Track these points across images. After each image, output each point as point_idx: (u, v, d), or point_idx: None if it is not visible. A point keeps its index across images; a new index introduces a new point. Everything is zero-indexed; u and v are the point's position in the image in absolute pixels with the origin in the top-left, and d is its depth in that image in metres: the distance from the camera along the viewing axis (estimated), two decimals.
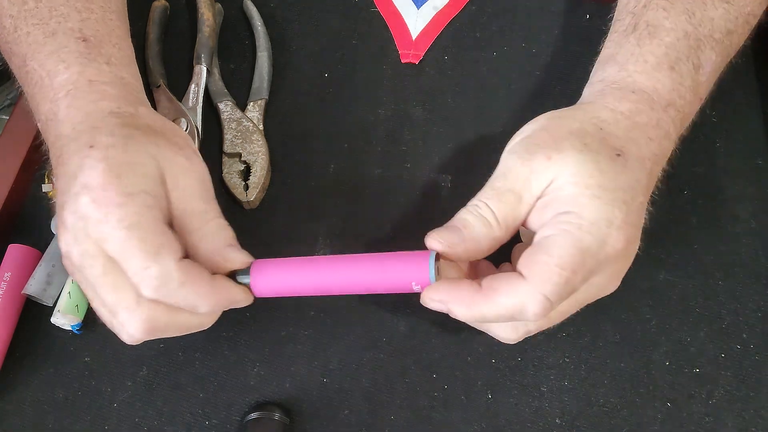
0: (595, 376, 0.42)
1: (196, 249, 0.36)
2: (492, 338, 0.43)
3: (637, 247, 0.36)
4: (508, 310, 0.34)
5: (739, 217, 0.46)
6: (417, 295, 0.43)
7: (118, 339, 0.43)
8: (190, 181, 0.36)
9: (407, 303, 0.44)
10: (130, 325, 0.34)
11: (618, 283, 0.36)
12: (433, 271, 0.36)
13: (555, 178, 0.35)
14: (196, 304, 0.35)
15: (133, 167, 0.34)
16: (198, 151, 0.39)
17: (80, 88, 0.37)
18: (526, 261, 0.34)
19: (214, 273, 0.36)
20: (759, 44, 0.52)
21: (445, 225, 0.37)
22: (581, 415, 0.41)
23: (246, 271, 0.37)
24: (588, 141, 0.35)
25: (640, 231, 0.36)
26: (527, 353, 0.43)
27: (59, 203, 0.35)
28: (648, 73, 0.38)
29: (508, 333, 0.38)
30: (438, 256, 0.37)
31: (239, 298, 0.37)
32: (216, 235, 0.37)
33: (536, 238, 0.35)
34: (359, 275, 0.37)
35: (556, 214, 0.34)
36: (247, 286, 0.37)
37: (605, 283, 0.35)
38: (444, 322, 0.43)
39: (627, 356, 0.42)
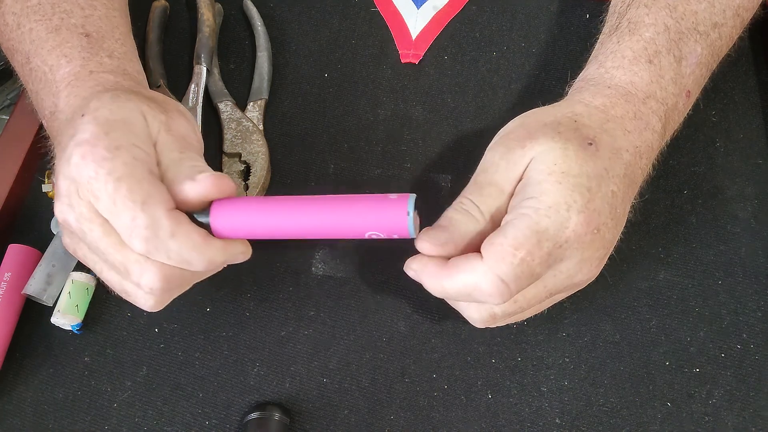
0: (595, 376, 0.42)
1: (175, 194, 0.34)
2: (492, 338, 0.43)
3: (615, 238, 0.36)
4: (466, 287, 0.34)
5: (739, 217, 0.46)
6: (416, 294, 0.44)
7: (118, 339, 0.43)
8: (168, 137, 0.36)
9: (407, 303, 0.44)
10: (145, 277, 0.33)
11: (593, 272, 0.36)
12: (412, 218, 0.34)
13: (528, 166, 0.35)
14: (190, 259, 0.33)
15: (122, 123, 0.34)
16: (191, 118, 0.38)
17: (81, 79, 0.37)
18: (486, 243, 0.34)
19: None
20: (759, 44, 0.52)
21: (432, 225, 0.37)
22: (581, 415, 0.41)
23: (205, 211, 0.35)
24: (561, 129, 0.36)
25: (616, 221, 0.35)
26: (527, 353, 0.43)
27: (55, 177, 0.34)
28: (625, 67, 0.39)
29: (471, 312, 0.38)
30: (416, 203, 0.35)
31: (238, 251, 0.35)
32: (186, 170, 0.35)
33: (501, 224, 0.35)
34: (335, 215, 0.35)
35: (521, 200, 0.35)
36: (207, 226, 0.35)
37: (575, 270, 0.35)
38: (444, 321, 0.43)
39: (627, 356, 0.42)
